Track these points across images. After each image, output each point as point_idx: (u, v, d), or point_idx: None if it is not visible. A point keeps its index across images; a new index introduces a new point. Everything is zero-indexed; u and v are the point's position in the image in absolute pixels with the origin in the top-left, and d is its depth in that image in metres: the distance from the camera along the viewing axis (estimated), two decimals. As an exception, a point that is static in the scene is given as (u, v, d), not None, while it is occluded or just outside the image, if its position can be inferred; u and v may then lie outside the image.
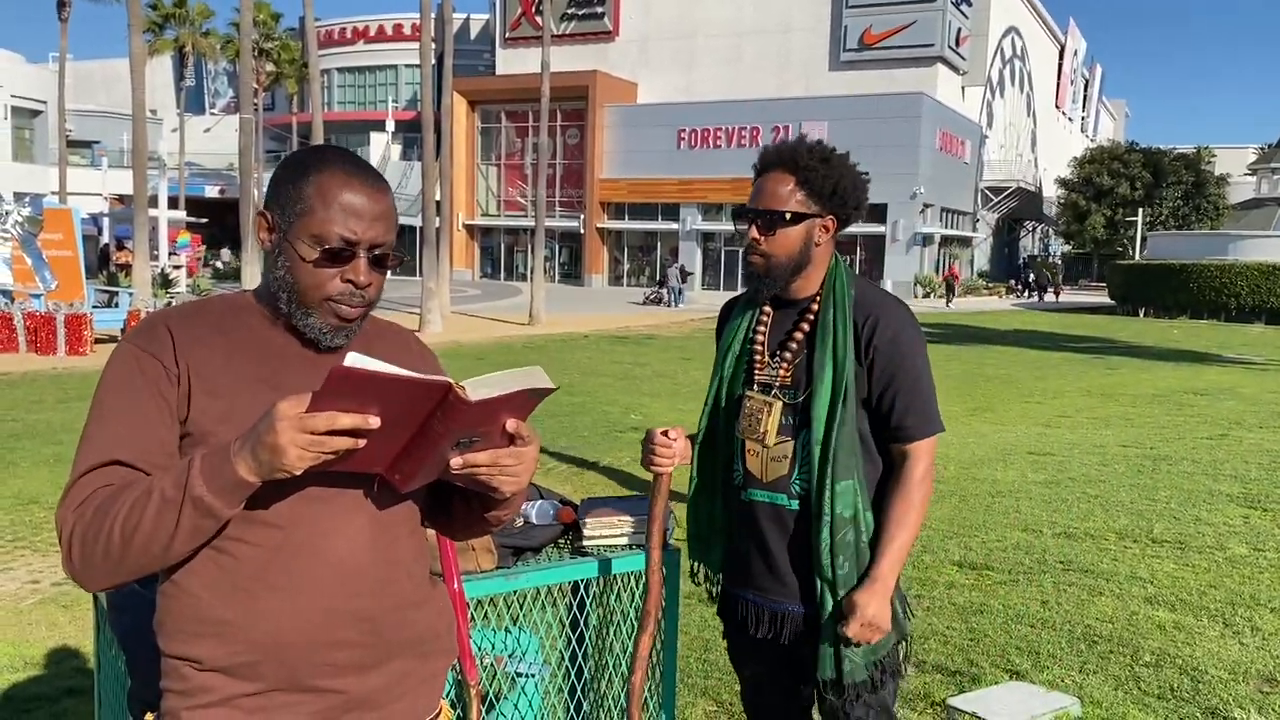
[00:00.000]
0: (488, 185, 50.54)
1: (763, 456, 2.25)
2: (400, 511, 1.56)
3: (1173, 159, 54.87)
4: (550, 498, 2.86)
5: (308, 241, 1.47)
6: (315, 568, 1.46)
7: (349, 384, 1.26)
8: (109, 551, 1.37)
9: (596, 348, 20.26)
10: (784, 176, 2.21)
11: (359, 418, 1.28)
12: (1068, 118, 73.70)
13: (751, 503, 2.28)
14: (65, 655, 4.43)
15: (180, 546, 1.37)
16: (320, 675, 1.47)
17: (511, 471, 1.46)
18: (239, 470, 1.32)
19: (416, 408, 1.34)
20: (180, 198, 39.28)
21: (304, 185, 1.49)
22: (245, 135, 24.34)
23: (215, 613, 1.44)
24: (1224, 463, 8.88)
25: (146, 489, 1.37)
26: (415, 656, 1.58)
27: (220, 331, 1.52)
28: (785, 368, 2.24)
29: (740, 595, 2.36)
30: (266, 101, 54.48)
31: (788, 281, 2.24)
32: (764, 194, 2.23)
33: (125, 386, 1.46)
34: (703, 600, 5.10)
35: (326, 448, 1.29)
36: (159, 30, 45.86)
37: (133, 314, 17.86)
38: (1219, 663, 4.39)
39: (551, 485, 7.07)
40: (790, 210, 2.19)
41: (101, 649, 2.54)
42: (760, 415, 2.24)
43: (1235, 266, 33.27)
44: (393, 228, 1.53)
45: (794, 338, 2.25)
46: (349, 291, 1.49)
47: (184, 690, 1.47)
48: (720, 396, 2.36)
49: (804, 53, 46.41)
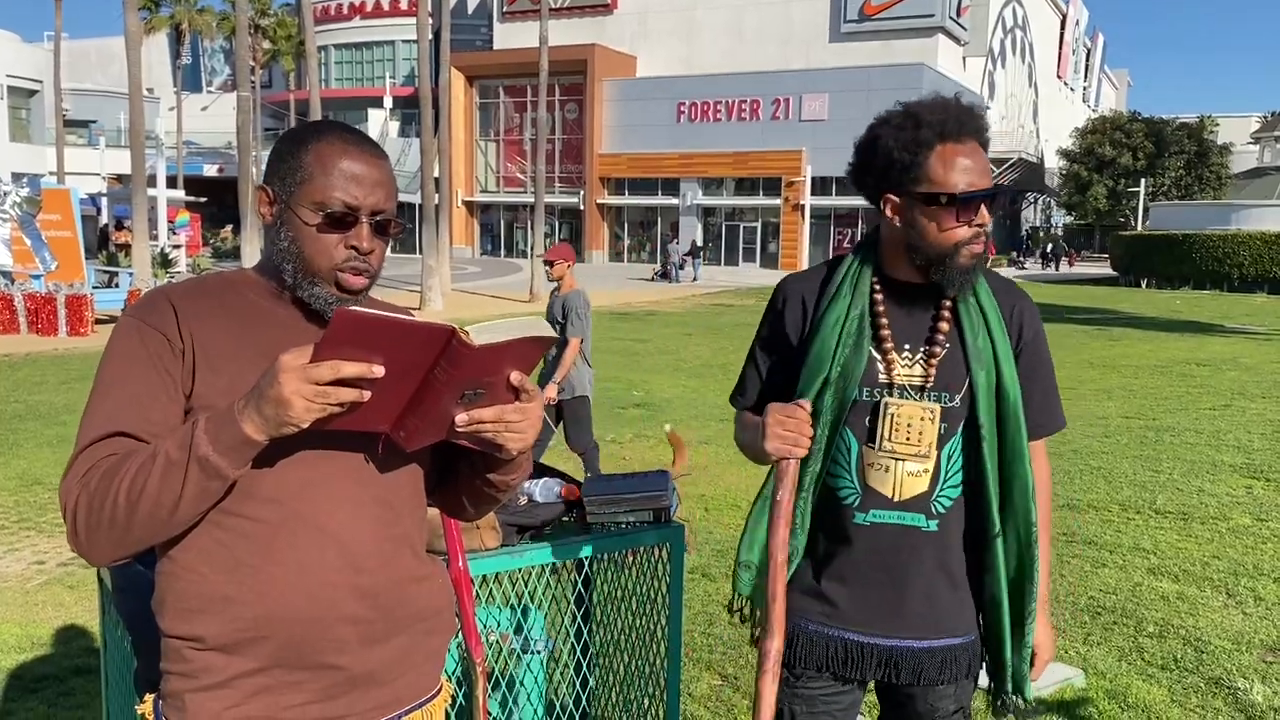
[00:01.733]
0: (487, 161, 50.33)
1: (896, 471, 1.88)
2: (403, 487, 1.56)
3: (1175, 128, 54.56)
4: (554, 475, 2.85)
5: (310, 208, 1.47)
6: (319, 542, 1.45)
7: (352, 331, 1.25)
8: (114, 519, 1.35)
9: (598, 324, 20.17)
10: (978, 147, 1.84)
11: (363, 366, 1.27)
12: (1069, 88, 73.24)
13: (876, 526, 1.91)
14: (72, 635, 4.45)
15: (186, 510, 1.36)
16: (324, 651, 1.46)
17: (517, 428, 1.46)
18: (245, 428, 1.30)
19: (420, 356, 1.33)
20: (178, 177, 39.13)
21: (303, 154, 1.49)
22: (242, 113, 24.22)
23: (218, 589, 1.43)
24: (1227, 433, 8.88)
25: (151, 453, 1.35)
26: (418, 633, 1.58)
27: (223, 306, 1.51)
28: (932, 365, 1.89)
29: (837, 635, 1.97)
30: (264, 79, 54.16)
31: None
32: (979, 170, 1.83)
33: (128, 359, 1.45)
34: (707, 575, 5.14)
35: (332, 399, 1.28)
36: (155, 8, 45.58)
37: (133, 293, 17.83)
38: (1222, 633, 4.41)
39: (554, 463, 7.08)
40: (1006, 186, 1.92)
41: (108, 629, 2.54)
42: (921, 426, 1.87)
43: (1238, 236, 33.16)
44: (393, 195, 1.53)
45: (940, 326, 1.90)
46: (352, 257, 1.49)
47: (186, 672, 1.46)
48: (826, 404, 1.91)
49: (804, 24, 46.05)
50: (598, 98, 45.65)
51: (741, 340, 16.64)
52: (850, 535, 1.94)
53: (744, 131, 43.30)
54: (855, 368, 1.90)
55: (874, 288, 1.94)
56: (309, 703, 1.47)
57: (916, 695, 2.00)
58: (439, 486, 1.69)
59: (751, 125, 43.24)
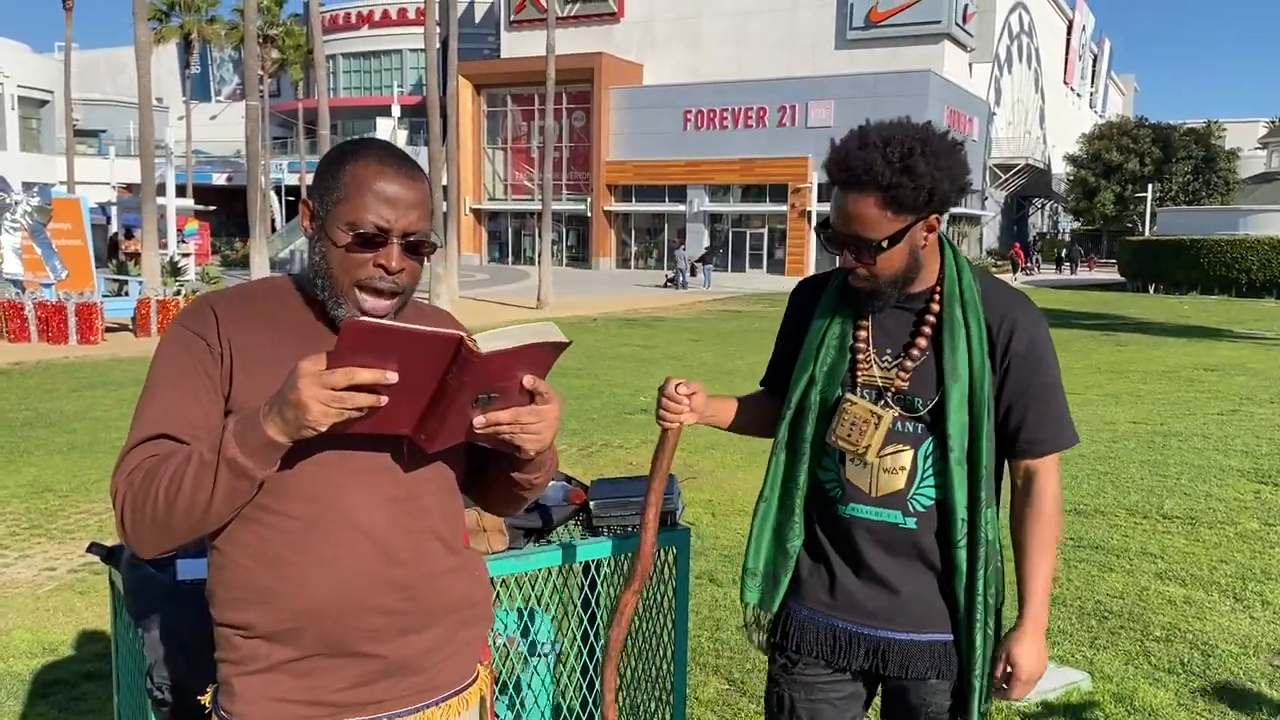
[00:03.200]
0: (494, 169, 50.47)
1: (873, 468, 1.96)
2: (432, 482, 1.62)
3: (1182, 134, 54.45)
4: (560, 479, 2.87)
5: (343, 228, 1.52)
6: (351, 538, 1.53)
7: (361, 338, 1.31)
8: (155, 515, 1.45)
9: (605, 330, 20.26)
10: (868, 196, 1.85)
11: (377, 372, 1.34)
12: (1076, 94, 73.16)
13: (855, 519, 1.99)
14: (83, 640, 4.48)
15: (220, 507, 1.44)
16: (360, 640, 1.54)
17: (534, 429, 1.52)
18: (268, 431, 1.38)
19: (431, 363, 1.39)
20: (188, 186, 39.37)
21: (341, 174, 1.54)
22: (251, 122, 24.32)
23: (261, 581, 1.52)
24: (1234, 438, 8.87)
25: (187, 455, 1.45)
26: (453, 623, 1.65)
27: (263, 313, 1.59)
28: (903, 373, 1.95)
29: (826, 623, 2.05)
30: (272, 88, 54.41)
31: (900, 292, 1.96)
32: (849, 217, 1.88)
33: (173, 365, 1.54)
34: (714, 580, 5.15)
35: (348, 403, 1.35)
36: (164, 18, 45.88)
37: (142, 302, 17.90)
38: (1229, 637, 4.40)
39: (561, 467, 7.09)
40: (885, 237, 1.87)
41: (119, 633, 2.57)
42: (864, 427, 1.95)
43: (1246, 241, 33.05)
44: (427, 216, 1.57)
45: (918, 340, 1.96)
46: (379, 275, 1.53)
47: (235, 659, 1.56)
48: (810, 402, 2.02)
49: (810, 31, 46.12)
50: (604, 106, 45.75)
51: (748, 346, 16.70)
52: (835, 527, 2.03)
53: (750, 138, 43.35)
54: (839, 368, 2.01)
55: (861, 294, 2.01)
56: (348, 687, 1.56)
57: (909, 689, 2.03)
58: (472, 485, 1.76)
59: (758, 132, 43.29)
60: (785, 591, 2.09)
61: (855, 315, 2.02)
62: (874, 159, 1.83)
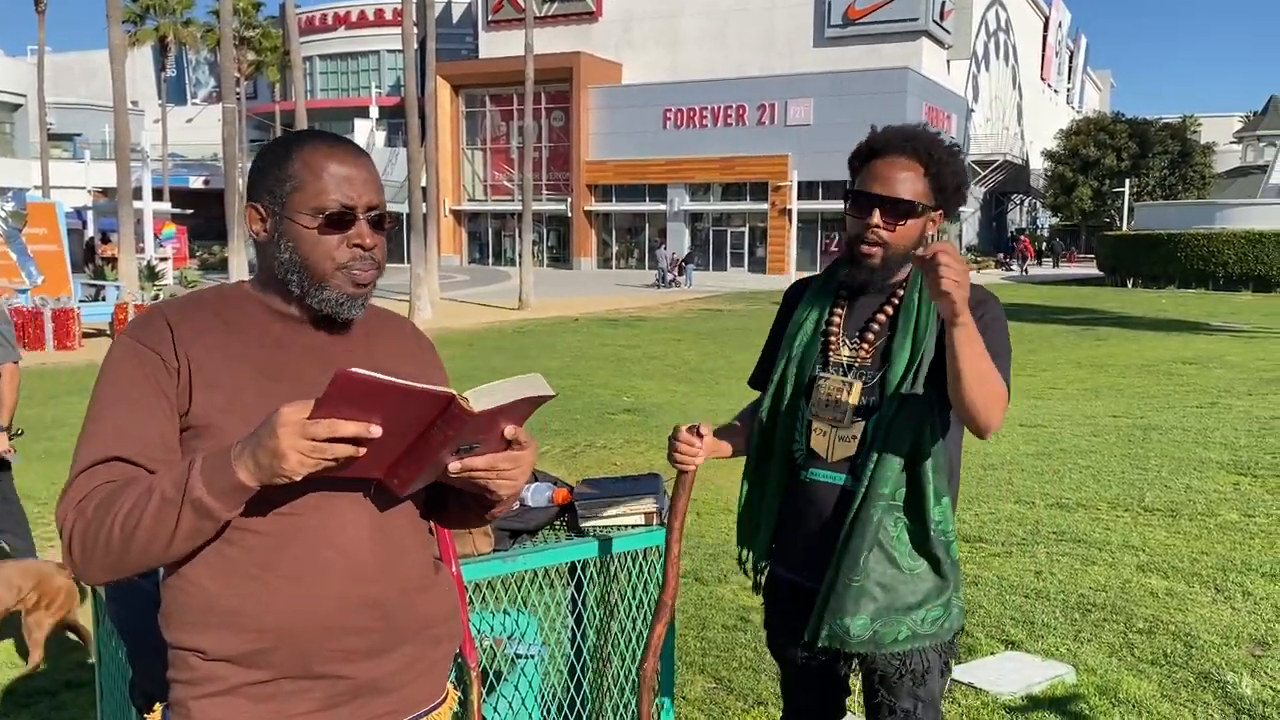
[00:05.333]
0: (474, 170, 50.33)
1: (830, 436, 2.16)
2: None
3: (1158, 129, 54.83)
4: (545, 480, 2.87)
5: (307, 214, 1.50)
6: (324, 555, 1.47)
7: (352, 391, 1.26)
8: (109, 549, 1.38)
9: (587, 331, 20.25)
10: (913, 164, 2.06)
11: (361, 426, 1.29)
12: (1053, 90, 73.59)
13: (812, 483, 2.18)
14: (64, 649, 4.44)
15: (180, 546, 1.38)
16: (330, 661, 1.48)
17: (508, 475, 1.48)
18: (239, 474, 1.32)
19: (418, 416, 1.35)
20: (164, 189, 39.01)
21: (289, 163, 1.51)
22: (228, 125, 24.18)
23: (224, 603, 1.45)
24: (1213, 430, 8.94)
25: (147, 488, 1.37)
26: (424, 641, 1.59)
27: (221, 323, 1.52)
28: (866, 349, 2.14)
29: (788, 577, 2.27)
30: (249, 90, 54.05)
31: (884, 280, 2.14)
32: (891, 180, 2.06)
33: (124, 380, 1.46)
34: (700, 579, 5.15)
35: (327, 454, 1.29)
36: (139, 21, 45.47)
37: (120, 307, 17.77)
38: (1211, 628, 4.44)
39: (546, 468, 7.08)
40: (921, 202, 2.06)
41: (102, 641, 2.54)
42: (839, 395, 2.13)
43: (1222, 235, 33.32)
44: (381, 191, 1.56)
45: (877, 319, 2.15)
46: (358, 255, 1.52)
47: (191, 680, 1.48)
48: (788, 376, 2.23)
49: (788, 29, 46.20)
50: (584, 105, 45.70)
51: (731, 345, 16.73)
52: (797, 490, 2.23)
53: (730, 137, 43.40)
54: (812, 349, 2.22)
55: (840, 284, 2.24)
56: (314, 711, 1.49)
57: (876, 656, 2.15)
58: (429, 514, 1.70)
59: (737, 131, 43.34)
60: (766, 549, 2.32)
61: (832, 304, 2.24)
62: (931, 137, 2.11)
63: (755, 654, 4.16)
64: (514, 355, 15.99)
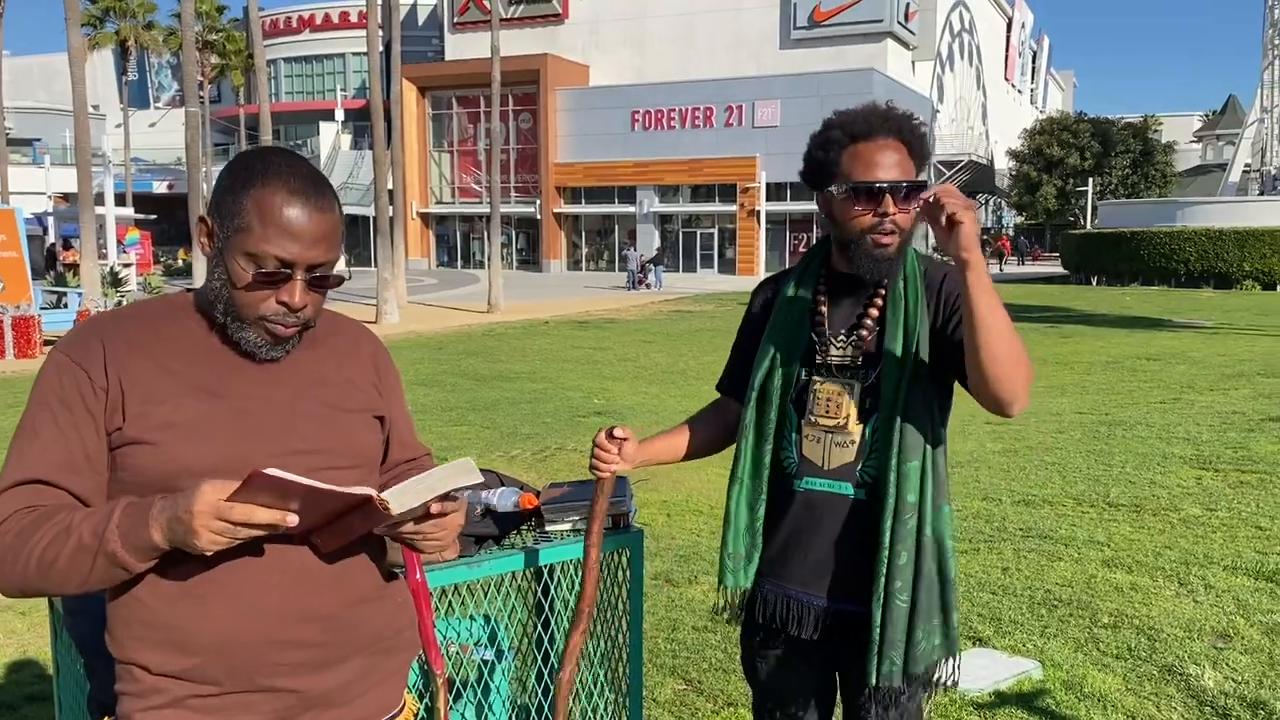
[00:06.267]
0: (441, 172, 50.12)
1: (825, 443, 2.04)
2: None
3: (1120, 128, 55.63)
4: (512, 484, 2.85)
5: (242, 261, 1.43)
6: (267, 567, 1.45)
7: (268, 487, 1.27)
8: (26, 578, 1.40)
9: (557, 333, 20.21)
10: (897, 143, 1.98)
11: (278, 515, 1.30)
12: (1017, 90, 74.38)
13: (808, 493, 2.06)
14: (24, 663, 4.37)
15: (95, 585, 1.40)
16: (275, 675, 1.46)
17: (435, 538, 1.49)
18: (153, 534, 1.34)
19: (337, 510, 1.38)
20: (127, 194, 38.59)
21: (244, 199, 1.43)
22: (191, 129, 23.92)
23: (164, 618, 1.44)
24: (1176, 426, 9.06)
25: (66, 528, 1.38)
26: (376, 652, 1.57)
27: (159, 337, 1.49)
28: (859, 347, 2.04)
29: (781, 593, 2.12)
30: (212, 94, 53.59)
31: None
32: (889, 164, 1.96)
33: (51, 399, 1.45)
34: (670, 581, 5.15)
35: (241, 535, 1.32)
36: (99, 24, 44.97)
37: (82, 314, 17.53)
38: (1174, 621, 4.49)
39: (515, 472, 7.05)
40: (920, 180, 1.99)
41: (59, 654, 2.50)
42: (839, 400, 2.03)
43: (1184, 233, 33.82)
44: (335, 246, 1.48)
45: (869, 315, 2.04)
46: (282, 312, 1.46)
47: (137, 692, 1.47)
48: (773, 382, 2.09)
49: (755, 31, 46.39)
50: (551, 107, 45.65)
51: (701, 347, 16.76)
52: (790, 501, 2.09)
53: (698, 139, 43.50)
54: (797, 351, 2.09)
55: (820, 280, 2.13)
56: None
57: (857, 659, 2.04)
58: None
59: (705, 132, 43.44)
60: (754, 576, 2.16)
61: (813, 300, 2.11)
62: (902, 114, 2.02)
63: (725, 655, 4.17)
64: (483, 359, 15.93)
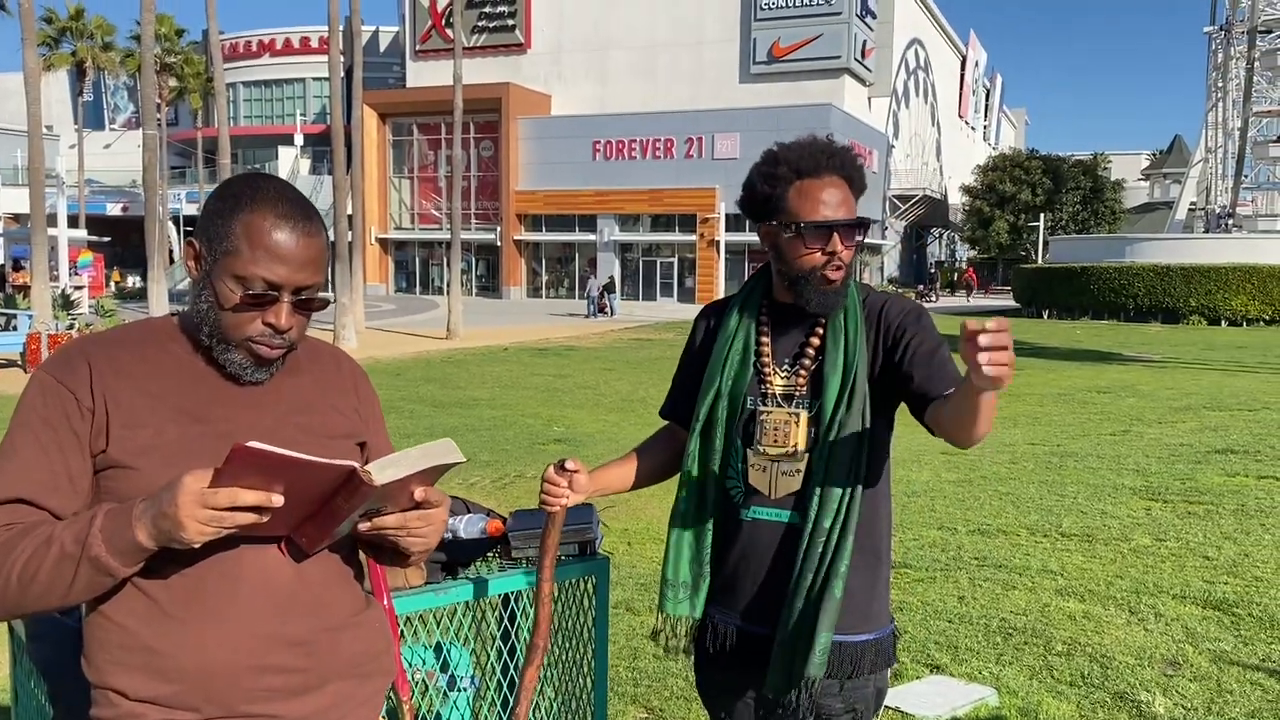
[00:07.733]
0: (401, 198, 49.97)
1: (771, 471, 2.04)
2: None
3: (1071, 165, 56.84)
4: (478, 511, 2.86)
5: (230, 283, 1.45)
6: (246, 593, 1.45)
7: (251, 463, 1.27)
8: (6, 593, 1.38)
9: (517, 360, 20.17)
10: (841, 180, 2.01)
11: (263, 495, 1.30)
12: (970, 126, 75.79)
13: (754, 521, 2.06)
14: (-27, 692, 4.26)
15: (78, 596, 1.38)
16: (254, 701, 1.46)
17: (419, 533, 1.50)
18: (138, 535, 1.32)
19: (321, 486, 1.37)
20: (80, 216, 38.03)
21: (233, 222, 1.45)
22: (149, 152, 23.67)
23: (143, 642, 1.43)
24: (1126, 457, 9.24)
25: (47, 539, 1.37)
26: (353, 678, 1.58)
27: (144, 361, 1.50)
28: (802, 377, 2.04)
29: (730, 624, 2.12)
30: (170, 116, 53.05)
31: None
32: (834, 204, 1.99)
33: (35, 420, 1.45)
34: (631, 609, 5.16)
35: (227, 523, 1.30)
36: (55, 44, 44.40)
37: (32, 336, 17.24)
38: (1126, 649, 4.58)
39: (476, 499, 7.02)
40: (863, 218, 2.04)
41: (19, 680, 2.47)
42: (787, 429, 2.03)
43: (1132, 268, 34.55)
44: (322, 269, 1.51)
45: (811, 344, 2.06)
46: (268, 334, 1.48)
47: (113, 717, 1.46)
48: (719, 410, 2.09)
49: (716, 65, 46.94)
50: (513, 135, 45.76)
51: (660, 375, 16.76)
52: (737, 531, 2.09)
53: (659, 169, 43.79)
54: (742, 381, 2.09)
55: (761, 310, 2.14)
56: None
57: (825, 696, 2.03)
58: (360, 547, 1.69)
59: (666, 163, 43.76)
60: (702, 607, 2.15)
61: (756, 331, 2.12)
62: (843, 151, 2.04)
63: (687, 683, 4.18)
64: (442, 385, 15.86)
